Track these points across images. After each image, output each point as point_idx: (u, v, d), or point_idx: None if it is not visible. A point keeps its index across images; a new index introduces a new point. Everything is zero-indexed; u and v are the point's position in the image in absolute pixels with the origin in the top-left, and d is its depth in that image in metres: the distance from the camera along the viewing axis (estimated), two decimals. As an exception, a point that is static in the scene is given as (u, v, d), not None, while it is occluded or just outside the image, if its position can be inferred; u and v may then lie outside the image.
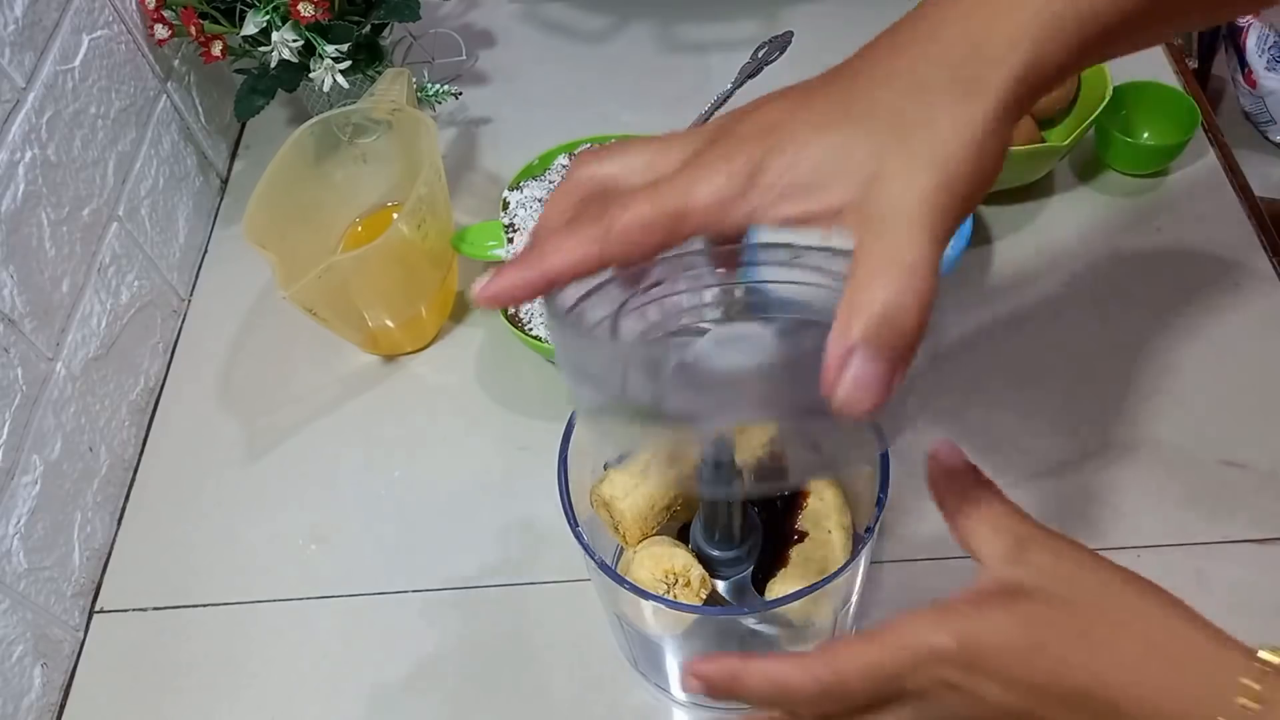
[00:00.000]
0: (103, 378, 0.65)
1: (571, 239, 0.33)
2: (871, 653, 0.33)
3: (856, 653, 0.34)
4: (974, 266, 0.70)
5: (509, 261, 0.34)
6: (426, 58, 0.88)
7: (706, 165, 0.32)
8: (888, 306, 0.29)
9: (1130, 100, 0.74)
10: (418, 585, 0.61)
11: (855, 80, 0.33)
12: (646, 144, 0.35)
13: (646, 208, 0.32)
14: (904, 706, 0.34)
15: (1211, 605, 0.55)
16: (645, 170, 0.34)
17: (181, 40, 0.75)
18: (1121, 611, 0.33)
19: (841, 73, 0.33)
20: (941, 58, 0.31)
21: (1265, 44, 1.06)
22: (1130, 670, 0.32)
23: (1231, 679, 0.31)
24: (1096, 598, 0.34)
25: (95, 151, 0.66)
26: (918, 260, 0.29)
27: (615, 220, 0.32)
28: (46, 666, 0.57)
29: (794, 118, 0.32)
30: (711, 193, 0.31)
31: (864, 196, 0.30)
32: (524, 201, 0.68)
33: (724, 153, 0.32)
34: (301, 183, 0.69)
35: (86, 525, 0.62)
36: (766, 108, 0.33)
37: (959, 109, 0.30)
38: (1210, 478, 0.60)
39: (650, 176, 0.33)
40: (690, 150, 0.33)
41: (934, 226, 0.30)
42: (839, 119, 0.31)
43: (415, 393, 0.69)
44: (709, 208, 0.31)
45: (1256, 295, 0.68)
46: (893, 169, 0.30)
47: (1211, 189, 0.74)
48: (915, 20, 0.33)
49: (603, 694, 0.55)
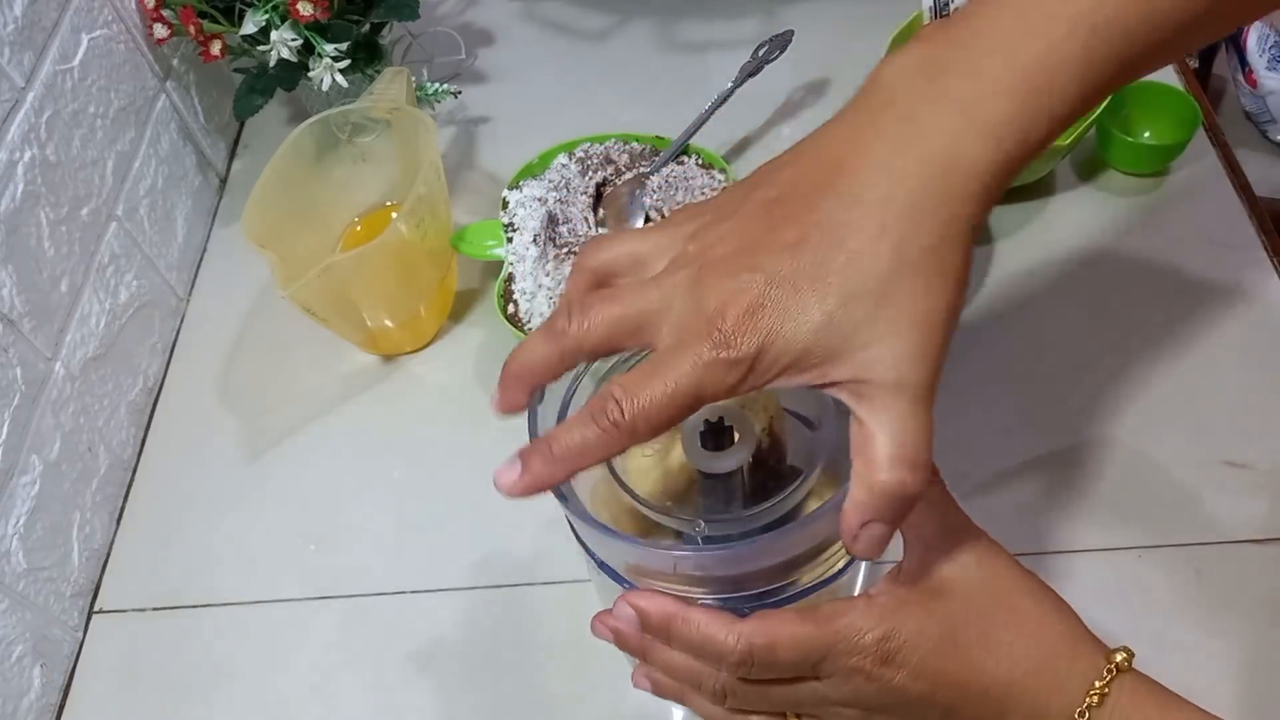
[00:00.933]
0: (101, 378, 0.65)
1: (585, 430, 0.34)
2: (805, 629, 0.36)
3: (790, 627, 0.36)
4: (974, 266, 0.70)
5: (531, 453, 0.36)
6: (426, 57, 0.88)
7: (714, 365, 0.33)
8: (900, 488, 0.33)
9: (1130, 100, 0.74)
10: (417, 585, 0.60)
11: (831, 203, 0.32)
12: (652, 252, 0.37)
13: (665, 413, 0.33)
14: (816, 684, 0.37)
15: (1211, 605, 0.55)
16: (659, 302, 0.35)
17: (180, 39, 0.75)
18: (1022, 616, 0.37)
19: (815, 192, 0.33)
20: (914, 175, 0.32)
21: (1266, 44, 1.06)
22: (1021, 670, 0.36)
23: (1090, 679, 0.36)
24: (1004, 599, 0.37)
25: (94, 151, 0.66)
26: (920, 440, 0.32)
27: (636, 416, 0.33)
28: (46, 667, 0.57)
29: (779, 291, 0.32)
30: (720, 390, 0.33)
31: (859, 373, 0.32)
32: (523, 200, 0.68)
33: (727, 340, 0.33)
34: (300, 182, 0.69)
35: (86, 525, 0.62)
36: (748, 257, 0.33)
37: (936, 267, 0.32)
38: (1210, 478, 0.60)
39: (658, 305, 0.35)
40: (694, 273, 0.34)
41: (929, 384, 0.32)
42: (819, 287, 0.32)
43: (415, 392, 0.69)
44: (716, 395, 0.33)
45: (1257, 295, 0.68)
46: (880, 336, 0.31)
47: (1212, 189, 0.74)
48: (885, 108, 0.33)
49: (603, 694, 0.55)
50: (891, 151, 0.32)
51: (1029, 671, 0.36)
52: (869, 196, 0.32)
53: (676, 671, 0.40)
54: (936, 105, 0.32)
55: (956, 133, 0.32)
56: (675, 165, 0.70)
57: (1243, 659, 0.53)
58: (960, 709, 0.37)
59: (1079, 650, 0.36)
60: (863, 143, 0.33)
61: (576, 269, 0.39)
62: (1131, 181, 0.75)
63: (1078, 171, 0.76)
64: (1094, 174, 0.76)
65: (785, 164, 0.35)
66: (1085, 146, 0.76)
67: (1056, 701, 0.36)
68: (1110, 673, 0.36)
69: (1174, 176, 0.75)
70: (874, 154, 0.32)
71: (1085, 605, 0.46)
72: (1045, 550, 0.58)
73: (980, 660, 0.36)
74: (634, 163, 0.71)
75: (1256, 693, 0.53)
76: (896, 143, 0.32)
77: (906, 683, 0.36)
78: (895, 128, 0.32)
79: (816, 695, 0.38)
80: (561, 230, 0.67)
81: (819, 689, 0.38)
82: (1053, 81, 0.32)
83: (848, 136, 0.34)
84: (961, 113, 0.32)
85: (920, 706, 0.37)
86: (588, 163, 0.70)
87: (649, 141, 0.72)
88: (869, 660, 0.36)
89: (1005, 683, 0.36)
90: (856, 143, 0.33)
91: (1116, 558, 0.58)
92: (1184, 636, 0.54)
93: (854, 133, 0.33)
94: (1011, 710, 0.36)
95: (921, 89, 0.33)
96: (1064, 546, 0.58)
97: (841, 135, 0.34)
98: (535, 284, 0.65)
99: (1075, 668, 0.36)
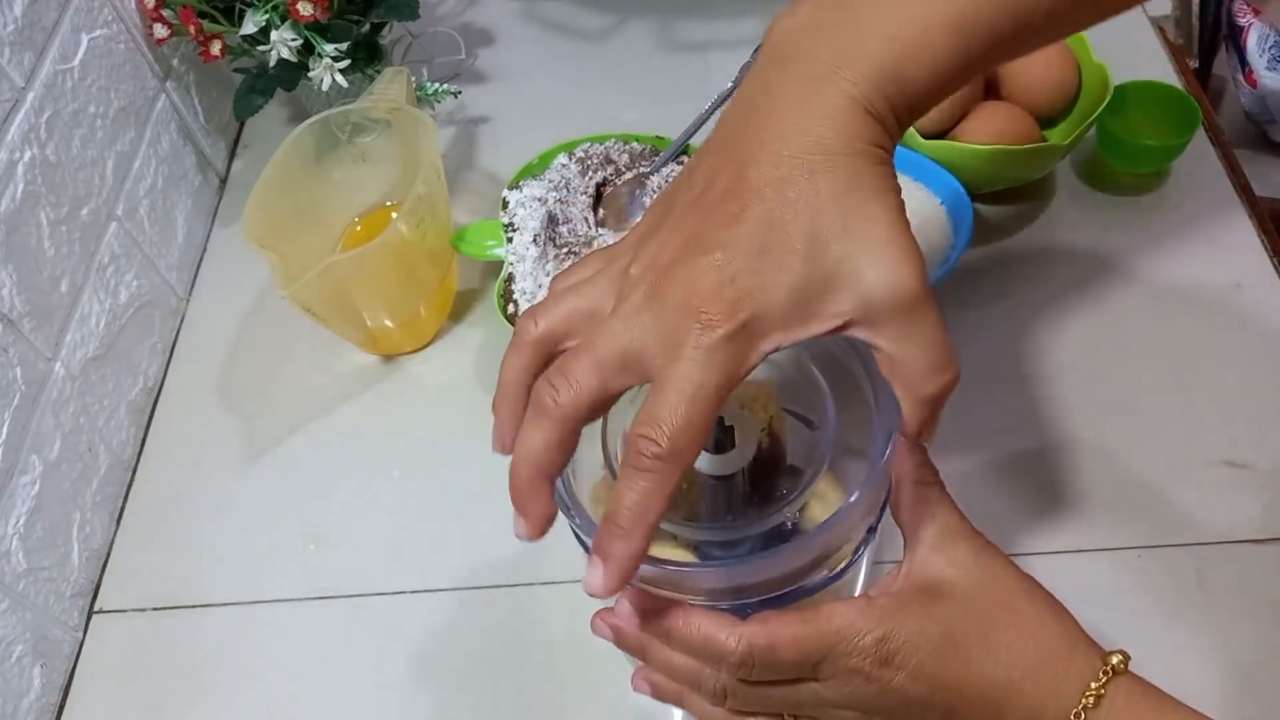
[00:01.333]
0: (102, 378, 0.65)
1: (636, 483, 0.33)
2: (805, 630, 0.36)
3: (791, 628, 0.36)
4: (974, 266, 0.70)
5: (603, 540, 0.34)
6: (426, 57, 0.88)
7: (714, 348, 0.33)
8: (942, 391, 0.36)
9: (1130, 100, 0.74)
10: (417, 585, 0.60)
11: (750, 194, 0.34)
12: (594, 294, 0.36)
13: (698, 419, 0.33)
14: (816, 685, 0.37)
15: (1211, 605, 0.55)
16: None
17: (180, 39, 0.75)
18: (1020, 617, 0.37)
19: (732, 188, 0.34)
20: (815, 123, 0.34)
21: (1266, 44, 1.06)
22: (1019, 672, 0.36)
23: (1087, 681, 0.36)
24: (1002, 603, 0.37)
25: (94, 151, 0.66)
26: (939, 340, 0.34)
27: (674, 438, 0.33)
28: (45, 667, 0.57)
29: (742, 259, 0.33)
30: (734, 369, 0.34)
31: (859, 302, 0.33)
32: (523, 200, 0.68)
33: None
34: (300, 182, 0.69)
35: (85, 525, 0.62)
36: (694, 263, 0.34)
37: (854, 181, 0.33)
38: (1210, 478, 0.60)
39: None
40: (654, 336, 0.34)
41: (923, 285, 0.34)
42: (781, 240, 0.33)
43: (415, 392, 0.69)
44: (733, 376, 0.34)
45: (1257, 295, 0.68)
46: (861, 263, 0.33)
47: (1211, 189, 0.74)
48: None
49: (603, 694, 0.55)
50: (794, 107, 0.34)
51: (1026, 673, 0.36)
52: (787, 151, 0.33)
53: (676, 672, 0.40)
54: (824, 59, 0.34)
55: (845, 80, 0.34)
56: (675, 165, 0.70)
57: (1243, 659, 0.53)
58: (958, 711, 0.37)
59: (1075, 652, 0.37)
60: (767, 110, 0.34)
61: (518, 347, 0.37)
62: (1131, 181, 0.75)
63: (1078, 171, 0.76)
64: (1094, 174, 0.76)
65: (695, 165, 0.36)
66: (1085, 146, 0.76)
67: (1053, 703, 0.36)
68: (1106, 674, 0.36)
69: (1174, 176, 0.75)
70: (779, 116, 0.34)
71: (1085, 605, 0.46)
72: (1045, 550, 0.58)
73: (979, 662, 0.36)
74: (634, 163, 0.71)
75: (1256, 693, 0.53)
76: (796, 100, 0.34)
77: (905, 684, 0.36)
78: (792, 87, 0.34)
79: (816, 697, 0.38)
80: (561, 230, 0.67)
81: (818, 691, 0.38)
82: (929, 36, 0.34)
83: (748, 111, 0.35)
84: (848, 61, 0.34)
85: (918, 708, 0.37)
86: (588, 163, 0.70)
87: (649, 141, 0.72)
88: (868, 661, 0.36)
89: (1003, 684, 0.36)
90: (760, 113, 0.35)
91: (1116, 558, 0.58)
92: (1184, 636, 0.54)
93: (752, 106, 0.35)
94: (1009, 712, 0.36)
95: (808, 46, 0.35)
96: (1064, 547, 0.58)
97: (741, 112, 0.35)
98: (535, 284, 0.65)
99: (1072, 669, 0.36)
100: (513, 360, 0.37)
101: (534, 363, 0.37)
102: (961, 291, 0.69)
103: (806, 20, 0.35)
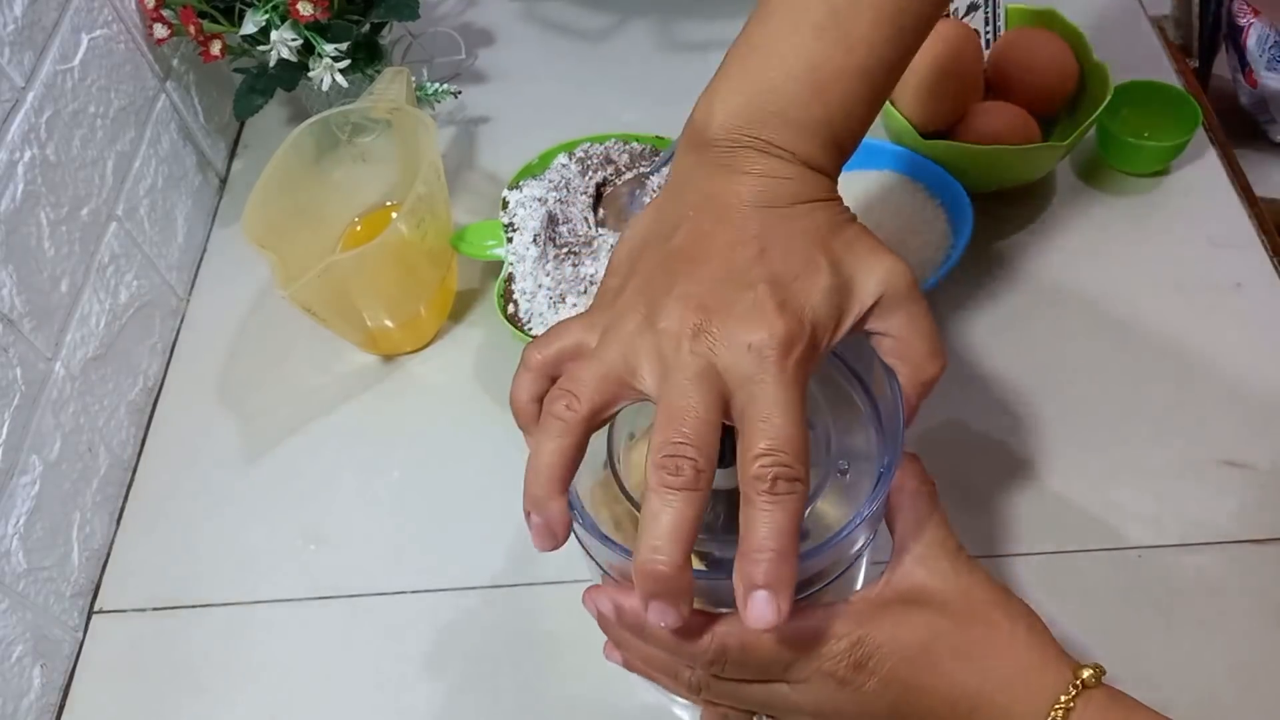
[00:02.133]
0: (102, 378, 0.65)
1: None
2: (779, 632, 0.36)
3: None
4: (974, 266, 0.70)
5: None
6: (425, 57, 0.88)
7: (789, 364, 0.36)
8: (939, 371, 0.40)
9: (1130, 100, 0.74)
10: (417, 585, 0.60)
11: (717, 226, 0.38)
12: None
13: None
14: (784, 687, 0.38)
15: (1211, 605, 0.55)
16: None
17: (180, 39, 0.75)
18: (995, 630, 0.38)
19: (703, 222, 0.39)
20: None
21: (1266, 44, 1.06)
22: (991, 684, 0.37)
23: (1057, 694, 0.36)
24: (980, 616, 0.38)
25: (94, 151, 0.66)
26: (934, 329, 0.39)
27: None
28: (45, 667, 0.57)
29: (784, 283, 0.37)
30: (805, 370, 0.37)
31: (876, 298, 0.38)
32: (523, 201, 0.68)
33: None
34: (300, 182, 0.69)
35: (86, 525, 0.62)
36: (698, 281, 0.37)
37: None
38: (1210, 478, 0.60)
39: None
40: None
41: (916, 282, 0.39)
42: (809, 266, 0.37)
43: (415, 392, 0.69)
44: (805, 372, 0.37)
45: (1257, 295, 0.68)
46: (870, 268, 0.38)
47: (1211, 189, 0.74)
48: None
49: (603, 694, 0.55)
50: (759, 177, 0.39)
51: (998, 685, 0.37)
52: (771, 208, 0.38)
53: (652, 662, 0.40)
54: (768, 148, 0.39)
55: (795, 160, 0.39)
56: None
57: (1243, 659, 0.53)
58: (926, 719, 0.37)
59: (1048, 666, 0.37)
60: (734, 181, 0.39)
61: (527, 365, 0.40)
62: (1131, 181, 0.75)
63: (1078, 171, 0.76)
64: (1094, 174, 0.76)
65: (665, 225, 0.39)
66: (1085, 146, 0.76)
67: (1024, 715, 0.36)
68: (1076, 689, 0.36)
69: (1174, 176, 0.75)
70: (748, 184, 0.39)
71: (1085, 606, 0.47)
72: (1045, 550, 0.58)
73: (951, 673, 0.37)
74: (634, 163, 0.71)
75: (1257, 693, 0.53)
76: (759, 173, 0.39)
77: (877, 689, 0.37)
78: (752, 165, 0.39)
79: (786, 701, 0.38)
80: (561, 230, 0.67)
81: (788, 694, 0.38)
82: (848, 94, 0.40)
83: (709, 184, 0.39)
84: (791, 145, 0.39)
85: (886, 717, 0.37)
86: (588, 163, 0.70)
87: (649, 141, 0.72)
88: (842, 665, 0.37)
89: (973, 695, 0.36)
90: (728, 182, 0.39)
91: (1118, 558, 0.58)
92: (1184, 637, 0.54)
93: (713, 183, 0.39)
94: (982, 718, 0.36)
95: (749, 140, 0.39)
96: (1064, 547, 0.58)
97: (703, 184, 0.40)
98: (535, 284, 0.65)
99: (1044, 681, 0.36)
100: (527, 380, 0.40)
101: (541, 383, 0.40)
102: (961, 291, 0.69)
103: (739, 114, 0.40)
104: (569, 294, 0.64)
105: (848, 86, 0.39)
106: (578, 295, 0.64)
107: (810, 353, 0.35)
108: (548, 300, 0.64)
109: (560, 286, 0.64)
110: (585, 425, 0.36)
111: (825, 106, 0.39)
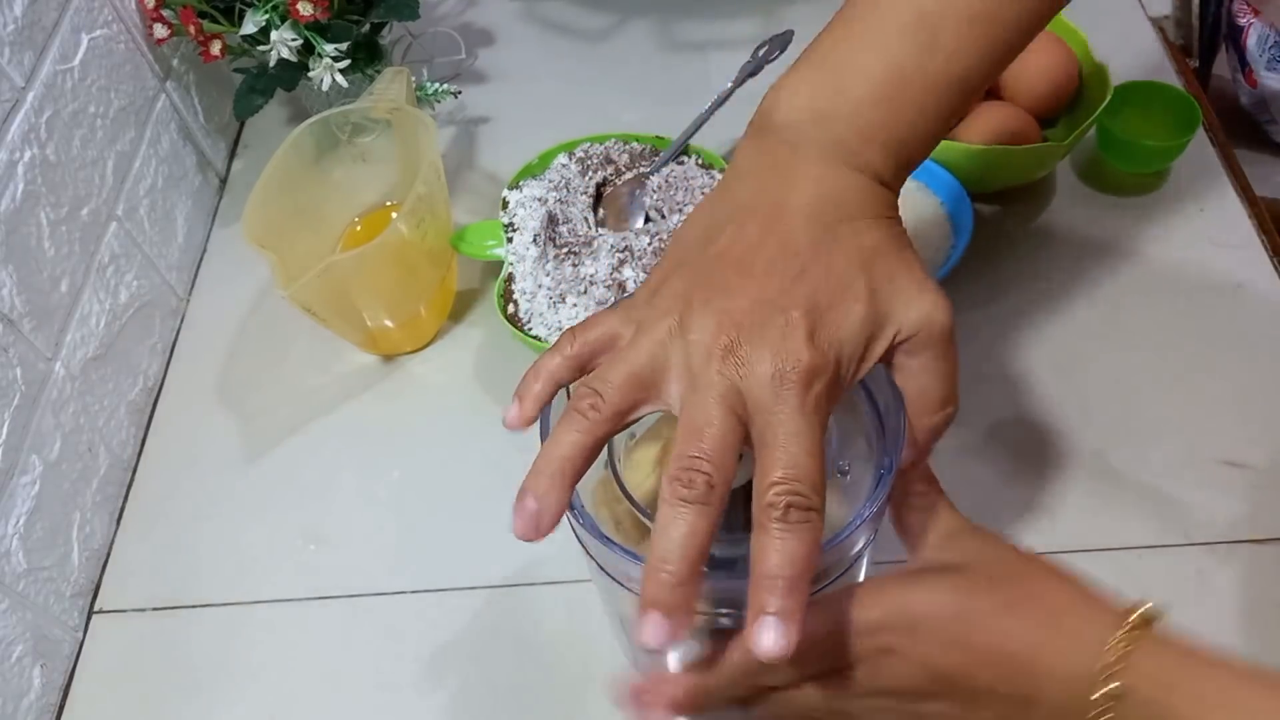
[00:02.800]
0: (102, 378, 0.65)
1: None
2: (817, 619, 0.36)
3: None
4: (974, 266, 0.70)
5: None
6: (426, 57, 0.88)
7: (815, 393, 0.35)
8: (947, 420, 0.40)
9: (1130, 100, 0.74)
10: (417, 585, 0.60)
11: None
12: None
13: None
14: (851, 673, 0.37)
15: (1212, 605, 0.55)
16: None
17: (180, 39, 0.75)
18: (1036, 586, 0.37)
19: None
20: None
21: (1266, 44, 1.06)
22: (1045, 635, 0.36)
23: (1109, 635, 0.35)
24: (1016, 574, 0.38)
25: (94, 151, 0.66)
26: (955, 374, 0.39)
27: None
28: (45, 667, 0.57)
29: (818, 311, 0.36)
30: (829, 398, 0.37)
31: (909, 331, 0.38)
32: (523, 201, 0.68)
33: None
34: (300, 182, 0.69)
35: (85, 525, 0.62)
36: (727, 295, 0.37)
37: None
38: (1210, 478, 0.60)
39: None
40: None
41: (952, 323, 0.38)
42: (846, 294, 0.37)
43: (415, 392, 0.69)
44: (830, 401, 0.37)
45: (1257, 295, 0.68)
46: (908, 302, 0.37)
47: (1211, 189, 0.74)
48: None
49: (603, 695, 0.55)
50: (814, 184, 0.38)
51: (1051, 632, 0.36)
52: (821, 221, 0.37)
53: (713, 699, 0.40)
54: (832, 147, 0.38)
55: (857, 162, 0.38)
56: (675, 165, 0.70)
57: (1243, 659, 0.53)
58: (994, 685, 0.36)
59: (1093, 610, 0.36)
60: (786, 186, 0.38)
61: (560, 350, 0.39)
62: (1131, 181, 0.75)
63: (1078, 171, 0.76)
64: (1094, 174, 0.76)
65: (710, 229, 0.38)
66: (1085, 146, 0.76)
67: (1080, 657, 0.35)
68: (1128, 628, 0.35)
69: (1174, 176, 0.75)
70: (801, 191, 0.38)
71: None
72: (1045, 551, 0.57)
73: (1003, 628, 0.36)
74: (634, 163, 0.71)
75: (1256, 693, 0.52)
76: (815, 179, 0.38)
77: (937, 655, 0.36)
78: (807, 168, 0.38)
79: (856, 686, 0.37)
80: (561, 230, 0.67)
81: (856, 678, 0.37)
82: (917, 106, 0.38)
83: (763, 185, 0.39)
84: (856, 150, 0.38)
85: (957, 683, 0.36)
86: (588, 163, 0.70)
87: (649, 141, 0.72)
88: (892, 636, 0.36)
89: (1032, 644, 0.36)
90: (780, 188, 0.38)
91: (1118, 558, 0.58)
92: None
93: (766, 181, 0.39)
94: (1041, 674, 0.35)
95: (815, 135, 0.38)
96: (1064, 546, 0.58)
97: (756, 185, 0.39)
98: (535, 284, 0.65)
99: (1094, 630, 0.35)
100: (560, 365, 0.39)
101: (573, 374, 0.39)
102: (961, 291, 0.69)
103: (806, 108, 0.39)
104: (569, 294, 0.64)
105: (923, 95, 0.38)
106: (578, 295, 0.64)
107: (833, 386, 0.35)
108: (548, 300, 0.64)
109: (560, 286, 0.64)
110: (607, 426, 0.36)
111: (896, 113, 0.38)
